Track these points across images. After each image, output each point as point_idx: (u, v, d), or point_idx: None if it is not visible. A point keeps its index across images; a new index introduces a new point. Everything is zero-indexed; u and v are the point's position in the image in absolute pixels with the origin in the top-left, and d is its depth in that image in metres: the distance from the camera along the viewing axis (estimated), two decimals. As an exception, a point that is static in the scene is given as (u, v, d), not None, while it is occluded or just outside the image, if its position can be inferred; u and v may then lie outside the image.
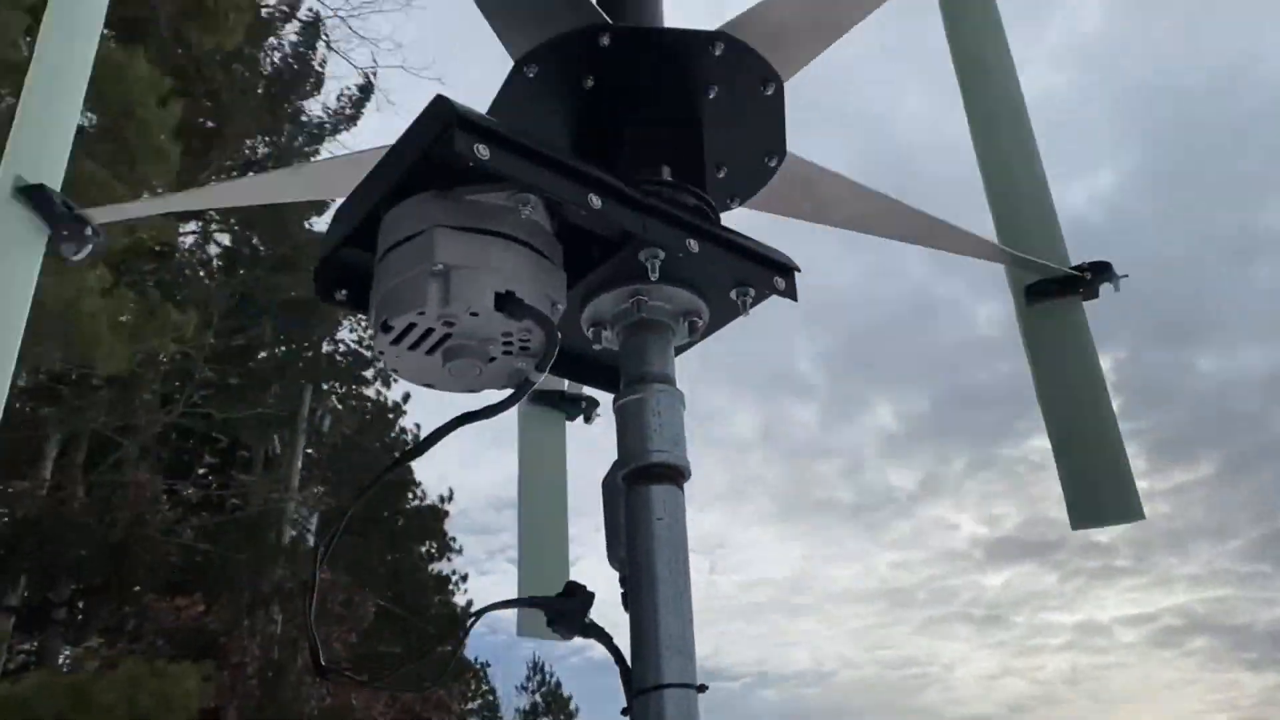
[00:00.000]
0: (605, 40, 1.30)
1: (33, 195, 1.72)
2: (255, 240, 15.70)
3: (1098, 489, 1.97)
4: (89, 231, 1.74)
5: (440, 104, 1.03)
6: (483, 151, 1.01)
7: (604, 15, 1.32)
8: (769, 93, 1.38)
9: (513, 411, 1.18)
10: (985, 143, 2.26)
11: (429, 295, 1.03)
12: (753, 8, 1.36)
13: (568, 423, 2.20)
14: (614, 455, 1.16)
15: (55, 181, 1.75)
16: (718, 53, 1.33)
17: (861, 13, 1.46)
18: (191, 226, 15.32)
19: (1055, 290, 2.13)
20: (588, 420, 2.17)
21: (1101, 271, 2.14)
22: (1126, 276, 2.13)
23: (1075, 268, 2.16)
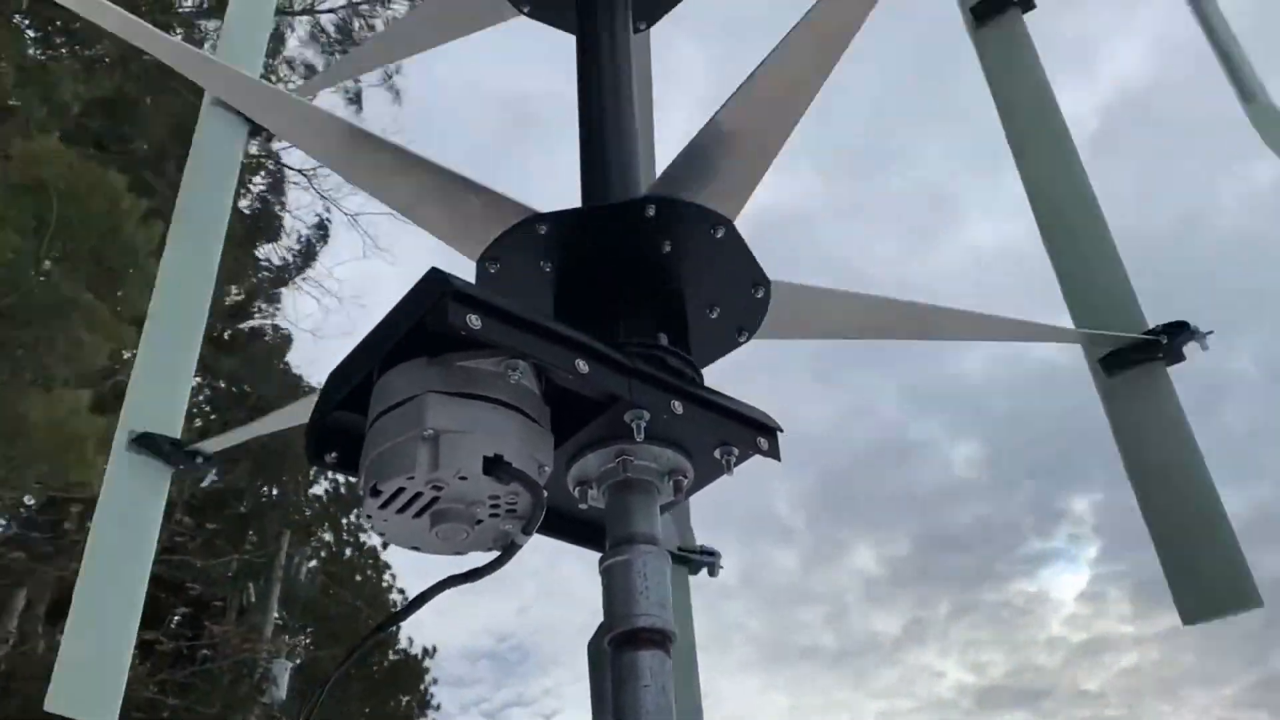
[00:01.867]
0: (542, 229, 1.39)
1: (145, 443, 2.08)
2: (222, 384, 15.74)
3: (1207, 577, 1.78)
4: (201, 460, 2.12)
5: (434, 276, 1.08)
6: (474, 322, 1.05)
7: (529, 208, 1.41)
8: (720, 235, 1.42)
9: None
10: (1046, 212, 2.17)
11: (418, 460, 1.05)
12: (674, 160, 1.44)
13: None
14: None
15: (175, 428, 2.16)
16: (650, 214, 1.39)
17: (786, 130, 1.49)
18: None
19: (1134, 358, 1.96)
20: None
21: (1180, 332, 1.95)
22: (1211, 333, 1.93)
23: (1151, 331, 1.98)
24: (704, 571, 2.16)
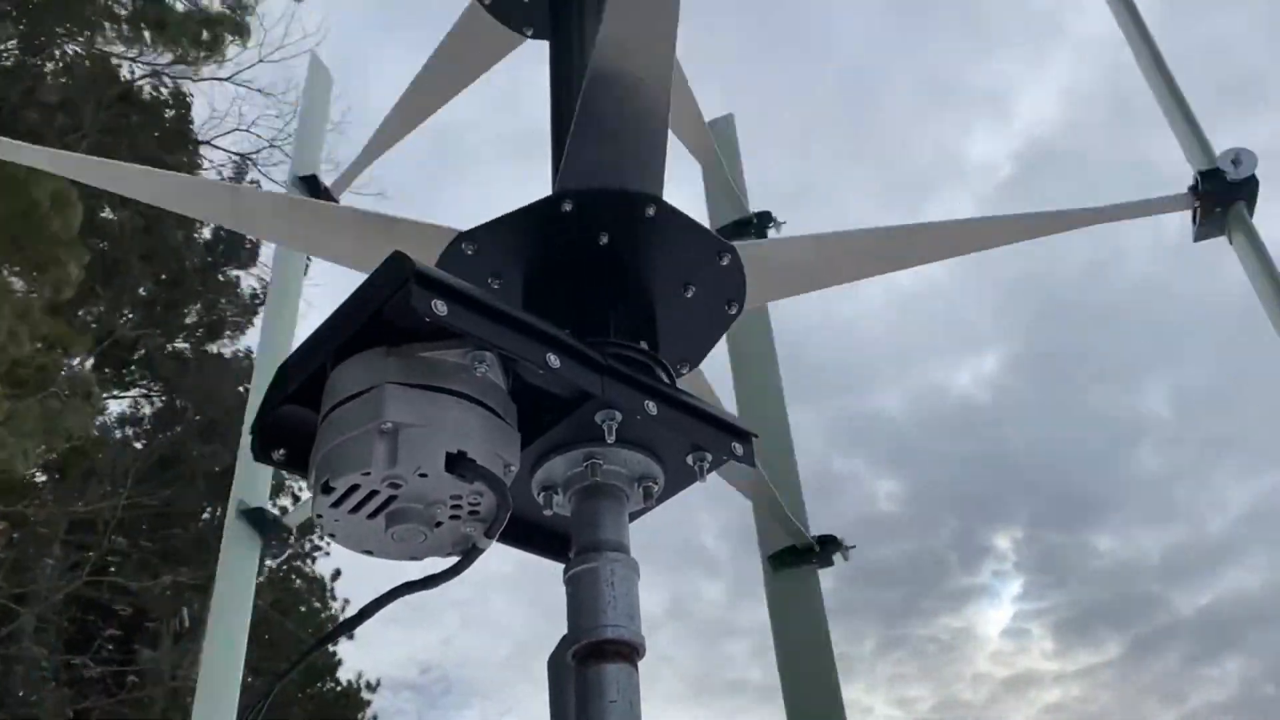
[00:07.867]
0: (469, 250, 1.35)
1: (252, 516, 2.46)
2: (179, 403, 15.37)
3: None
4: (290, 537, 2.50)
5: (398, 260, 1.01)
6: (440, 308, 0.98)
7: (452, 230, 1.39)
8: (652, 213, 1.36)
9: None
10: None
11: (375, 455, 0.98)
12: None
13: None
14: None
15: (264, 500, 2.53)
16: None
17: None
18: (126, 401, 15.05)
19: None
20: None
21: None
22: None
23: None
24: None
